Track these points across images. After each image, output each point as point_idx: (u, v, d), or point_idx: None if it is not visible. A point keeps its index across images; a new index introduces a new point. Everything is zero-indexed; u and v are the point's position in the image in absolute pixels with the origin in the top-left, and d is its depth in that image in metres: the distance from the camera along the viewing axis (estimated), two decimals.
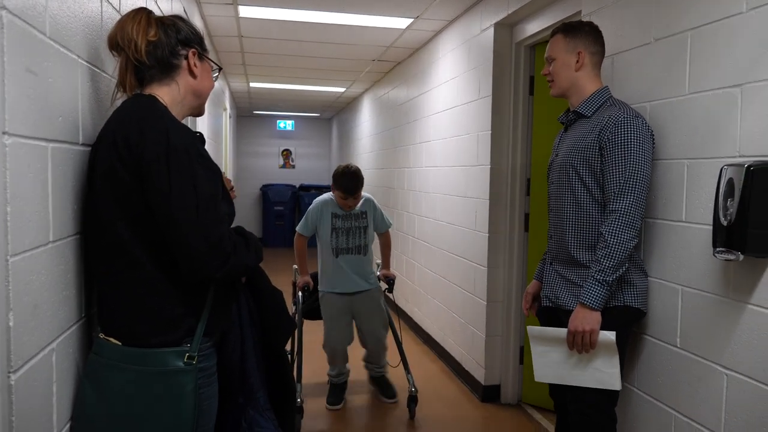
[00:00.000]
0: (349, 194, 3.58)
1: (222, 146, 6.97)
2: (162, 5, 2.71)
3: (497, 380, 3.86)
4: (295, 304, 3.84)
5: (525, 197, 3.70)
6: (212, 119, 5.59)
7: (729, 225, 1.76)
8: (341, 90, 8.14)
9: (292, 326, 1.96)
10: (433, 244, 4.97)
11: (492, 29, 3.72)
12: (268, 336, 1.78)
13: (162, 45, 1.55)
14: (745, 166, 1.71)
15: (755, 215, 1.70)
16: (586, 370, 2.12)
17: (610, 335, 2.07)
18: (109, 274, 1.47)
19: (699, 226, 2.00)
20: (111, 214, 1.44)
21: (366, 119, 8.19)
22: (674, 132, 2.12)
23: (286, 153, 12.27)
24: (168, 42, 1.56)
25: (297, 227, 3.77)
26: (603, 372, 2.10)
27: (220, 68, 1.78)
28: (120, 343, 1.45)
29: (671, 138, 2.14)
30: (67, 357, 1.46)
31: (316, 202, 3.73)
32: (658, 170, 2.19)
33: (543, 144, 3.50)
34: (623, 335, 2.15)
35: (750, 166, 1.70)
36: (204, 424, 1.53)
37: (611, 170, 2.07)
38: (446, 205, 4.62)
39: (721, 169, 1.80)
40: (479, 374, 3.93)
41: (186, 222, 1.40)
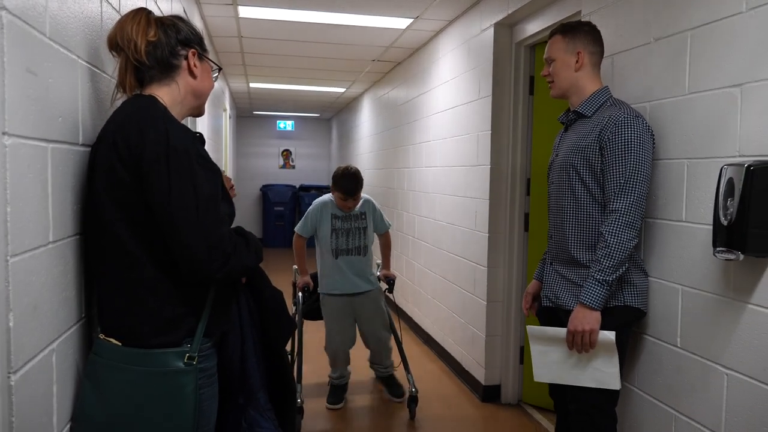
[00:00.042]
0: (349, 195, 3.59)
1: (222, 147, 6.97)
2: (162, 5, 2.71)
3: (497, 380, 3.86)
4: (295, 305, 3.84)
5: (525, 197, 3.69)
6: (212, 119, 5.59)
7: (729, 225, 1.76)
8: (341, 90, 8.14)
9: (293, 327, 1.96)
10: (433, 245, 4.96)
11: (492, 29, 3.71)
12: (269, 336, 1.77)
13: (162, 45, 1.55)
14: (745, 166, 1.71)
15: (755, 215, 1.70)
16: (586, 370, 2.12)
17: (610, 335, 2.07)
18: (109, 275, 1.47)
19: (699, 226, 2.00)
20: (111, 215, 1.43)
21: (366, 119, 8.18)
22: (674, 132, 2.12)
23: (286, 153, 12.27)
24: (168, 42, 1.56)
25: (296, 228, 3.78)
26: (603, 372, 2.10)
27: (220, 68, 1.78)
28: (120, 344, 1.45)
29: (671, 138, 2.14)
30: (67, 357, 1.46)
31: (316, 204, 3.74)
32: (658, 170, 2.19)
33: (543, 144, 3.50)
34: (623, 335, 2.15)
35: (750, 166, 1.70)
36: (204, 425, 1.53)
37: (611, 170, 2.07)
38: (446, 205, 4.62)
39: (721, 169, 1.80)
40: (479, 374, 3.93)
41: (186, 222, 1.40)
